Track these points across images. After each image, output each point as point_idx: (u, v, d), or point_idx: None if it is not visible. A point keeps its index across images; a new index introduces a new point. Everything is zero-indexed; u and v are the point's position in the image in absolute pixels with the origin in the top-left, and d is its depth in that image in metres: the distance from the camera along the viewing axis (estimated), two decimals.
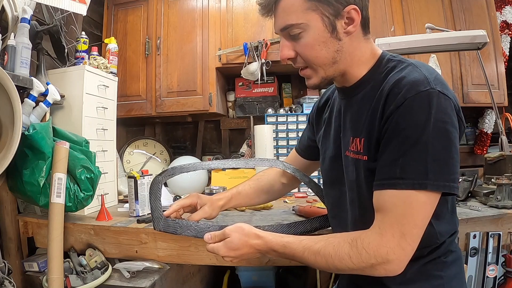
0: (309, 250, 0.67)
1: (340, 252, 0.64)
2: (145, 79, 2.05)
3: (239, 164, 0.99)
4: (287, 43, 0.73)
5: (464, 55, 2.00)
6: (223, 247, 0.74)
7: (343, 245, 0.64)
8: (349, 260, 0.62)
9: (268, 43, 1.89)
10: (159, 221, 0.82)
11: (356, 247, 0.62)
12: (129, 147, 2.12)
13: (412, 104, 0.60)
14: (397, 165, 0.61)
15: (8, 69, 1.16)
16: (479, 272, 1.22)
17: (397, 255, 0.60)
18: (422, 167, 0.59)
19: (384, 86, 0.66)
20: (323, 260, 0.65)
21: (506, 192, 1.29)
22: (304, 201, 1.63)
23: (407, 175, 0.60)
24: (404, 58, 0.71)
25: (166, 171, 0.92)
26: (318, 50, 0.70)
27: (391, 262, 0.60)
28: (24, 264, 1.34)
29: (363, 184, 0.71)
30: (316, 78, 0.75)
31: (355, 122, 0.74)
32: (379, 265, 0.61)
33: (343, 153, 0.77)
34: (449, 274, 0.70)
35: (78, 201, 1.24)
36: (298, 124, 1.97)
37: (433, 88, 0.60)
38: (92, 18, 2.08)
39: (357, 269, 0.63)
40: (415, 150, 0.59)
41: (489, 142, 2.20)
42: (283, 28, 0.71)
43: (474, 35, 1.48)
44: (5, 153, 1.06)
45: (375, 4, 1.96)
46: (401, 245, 0.60)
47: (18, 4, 1.25)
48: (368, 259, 0.61)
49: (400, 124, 0.61)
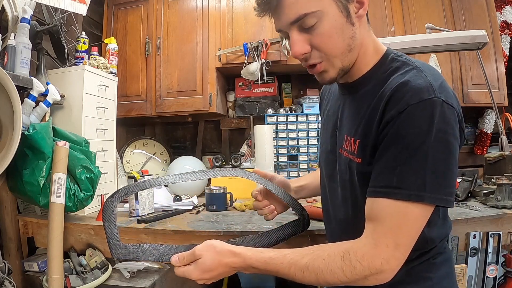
0: (295, 265, 0.63)
1: (332, 266, 0.61)
2: (145, 79, 2.05)
3: (197, 176, 0.89)
4: (300, 37, 0.64)
5: (464, 55, 2.00)
6: (194, 270, 0.67)
7: (334, 258, 0.61)
8: (342, 274, 0.60)
9: (268, 43, 1.89)
10: (117, 248, 0.73)
11: (350, 259, 0.60)
12: (129, 147, 2.12)
13: (414, 111, 0.57)
14: (394, 173, 0.59)
15: (8, 69, 1.16)
16: (479, 272, 1.22)
17: (391, 265, 0.59)
18: (420, 178, 0.57)
19: (386, 88, 0.63)
20: (312, 275, 0.62)
21: (506, 192, 1.29)
22: (304, 201, 1.63)
23: (404, 185, 0.58)
24: (410, 58, 0.68)
25: (118, 191, 0.83)
26: (335, 38, 0.63)
27: (383, 272, 0.59)
28: (24, 264, 1.34)
29: (357, 185, 0.70)
30: (333, 71, 0.67)
31: (351, 120, 0.72)
32: (372, 276, 0.60)
33: (337, 150, 0.76)
34: (439, 275, 0.70)
35: (78, 201, 1.24)
36: (298, 124, 1.97)
37: (437, 97, 0.57)
38: (92, 18, 2.08)
39: (350, 282, 0.61)
40: (414, 160, 0.57)
41: (489, 142, 2.21)
42: (296, 19, 0.62)
43: (474, 35, 1.48)
44: (5, 153, 1.06)
45: (375, 4, 1.96)
46: (395, 256, 0.59)
47: (18, 4, 1.25)
48: (362, 272, 0.59)
49: (400, 131, 0.58)
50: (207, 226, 1.22)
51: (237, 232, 1.14)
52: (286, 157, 1.97)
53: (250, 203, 1.51)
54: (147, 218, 1.29)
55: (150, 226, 1.23)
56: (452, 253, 1.14)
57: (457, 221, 1.14)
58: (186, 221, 1.30)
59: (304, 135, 1.97)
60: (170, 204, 1.54)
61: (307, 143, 1.97)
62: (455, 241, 1.16)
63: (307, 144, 1.97)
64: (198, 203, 1.61)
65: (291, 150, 1.97)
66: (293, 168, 1.96)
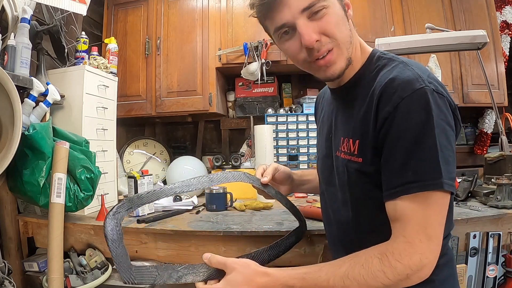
0: (334, 276, 0.61)
1: (372, 270, 0.59)
2: (145, 79, 2.05)
3: (203, 183, 0.81)
4: (310, 24, 0.64)
5: (464, 55, 2.00)
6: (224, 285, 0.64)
7: (372, 261, 0.60)
8: (384, 276, 0.59)
9: (268, 43, 1.89)
10: (130, 272, 0.63)
11: (388, 261, 0.59)
12: (129, 147, 2.12)
13: (410, 103, 0.58)
14: (408, 169, 0.58)
15: (8, 69, 1.16)
16: (479, 272, 1.22)
17: (429, 259, 0.59)
18: (435, 166, 0.57)
19: (376, 86, 0.64)
20: (354, 283, 0.60)
21: (506, 192, 1.29)
22: (304, 201, 1.63)
23: (421, 176, 0.58)
24: (395, 55, 0.69)
25: (122, 205, 0.70)
26: (341, 25, 0.66)
27: (424, 268, 0.59)
28: (24, 264, 1.34)
29: (356, 186, 0.69)
30: (341, 61, 0.67)
31: (346, 123, 0.72)
32: (414, 274, 0.59)
33: (334, 153, 0.76)
34: (441, 277, 0.69)
35: (78, 201, 1.24)
36: (298, 124, 1.97)
37: (428, 86, 0.59)
38: (92, 18, 2.08)
39: (393, 284, 0.59)
40: (424, 150, 0.58)
41: (489, 142, 2.21)
42: (308, 6, 0.63)
43: (474, 35, 1.48)
44: (5, 153, 1.06)
45: (375, 4, 1.96)
46: (430, 248, 0.59)
47: (18, 4, 1.25)
48: (403, 271, 0.58)
49: (401, 126, 0.59)
50: (207, 226, 1.22)
51: (237, 232, 1.14)
52: (286, 157, 1.97)
53: (250, 203, 1.51)
54: (147, 218, 1.29)
55: (150, 226, 1.23)
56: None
57: (457, 221, 1.14)
58: (186, 221, 1.30)
59: (304, 135, 1.97)
60: (170, 204, 1.54)
61: (307, 143, 1.97)
62: (455, 241, 1.16)
63: (307, 144, 1.97)
64: (198, 203, 1.61)
65: (291, 150, 1.97)
66: (293, 168, 1.96)
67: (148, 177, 1.42)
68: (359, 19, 1.86)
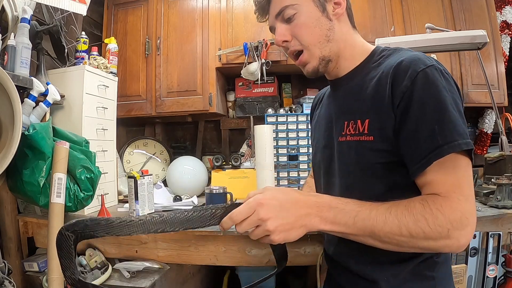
0: (377, 209, 0.58)
1: (414, 212, 0.56)
2: (145, 79, 2.05)
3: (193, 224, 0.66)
4: (282, 26, 0.74)
5: (464, 55, 2.00)
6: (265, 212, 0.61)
7: (414, 205, 0.57)
8: (425, 223, 0.55)
9: (268, 43, 1.89)
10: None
11: (430, 207, 0.56)
12: (129, 147, 2.12)
13: (426, 75, 0.61)
14: (435, 134, 0.59)
15: (8, 69, 1.16)
16: (479, 272, 1.23)
17: (469, 221, 0.56)
18: (460, 128, 0.59)
19: (385, 69, 0.67)
20: (394, 221, 0.57)
21: (506, 192, 1.29)
22: None
23: (449, 138, 0.58)
24: (400, 47, 0.74)
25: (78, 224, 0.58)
26: (312, 27, 0.72)
27: (466, 228, 0.56)
28: (24, 264, 1.34)
29: (364, 166, 0.69)
30: (313, 60, 0.74)
31: (351, 106, 0.73)
32: (455, 231, 0.55)
33: (336, 140, 0.77)
34: (440, 275, 0.70)
35: (78, 201, 1.24)
36: (298, 124, 1.97)
37: (434, 64, 0.63)
38: (92, 18, 2.08)
39: (433, 236, 0.56)
40: (450, 114, 0.59)
41: (489, 142, 2.20)
42: (279, 12, 0.73)
43: (474, 35, 1.48)
44: (5, 153, 1.06)
45: (375, 4, 1.96)
46: (470, 209, 0.57)
47: (18, 4, 1.25)
48: (445, 224, 0.55)
49: (423, 96, 0.61)
50: None
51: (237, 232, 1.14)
52: (286, 157, 1.97)
53: None
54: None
55: None
56: (452, 253, 1.14)
57: None
58: None
59: (304, 135, 1.97)
60: (170, 204, 1.54)
61: (307, 143, 1.97)
62: None
63: (307, 144, 1.97)
64: (198, 203, 1.61)
65: (291, 150, 1.97)
66: (293, 168, 1.96)
67: (148, 177, 1.42)
68: (359, 19, 1.84)
